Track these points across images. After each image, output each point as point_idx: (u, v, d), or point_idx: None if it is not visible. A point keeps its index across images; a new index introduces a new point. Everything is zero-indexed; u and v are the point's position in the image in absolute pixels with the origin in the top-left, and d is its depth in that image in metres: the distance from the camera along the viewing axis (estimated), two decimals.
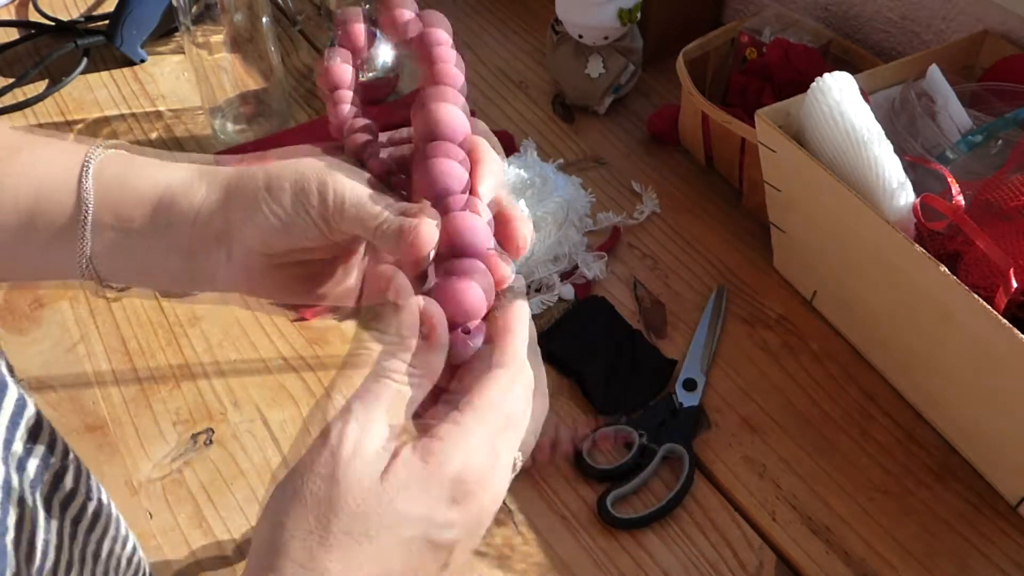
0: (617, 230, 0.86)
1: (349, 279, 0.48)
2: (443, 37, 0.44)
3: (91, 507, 0.48)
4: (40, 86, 1.03)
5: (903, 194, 0.64)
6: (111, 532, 0.50)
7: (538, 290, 0.80)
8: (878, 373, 0.74)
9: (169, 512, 0.66)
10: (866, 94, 0.70)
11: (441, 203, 0.41)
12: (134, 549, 0.54)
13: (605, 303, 0.79)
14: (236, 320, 0.78)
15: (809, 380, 0.74)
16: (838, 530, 0.65)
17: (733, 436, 0.70)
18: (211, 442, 0.70)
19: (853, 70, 0.70)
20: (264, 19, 0.90)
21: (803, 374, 0.75)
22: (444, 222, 0.40)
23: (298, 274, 0.45)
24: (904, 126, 0.72)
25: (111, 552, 0.50)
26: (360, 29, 0.45)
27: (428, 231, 0.39)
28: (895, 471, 0.68)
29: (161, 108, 1.00)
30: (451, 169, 0.41)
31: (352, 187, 0.41)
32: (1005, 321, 0.57)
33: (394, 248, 0.40)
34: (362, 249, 0.48)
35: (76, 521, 0.47)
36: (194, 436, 0.70)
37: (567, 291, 0.80)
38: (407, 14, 0.44)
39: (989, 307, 0.58)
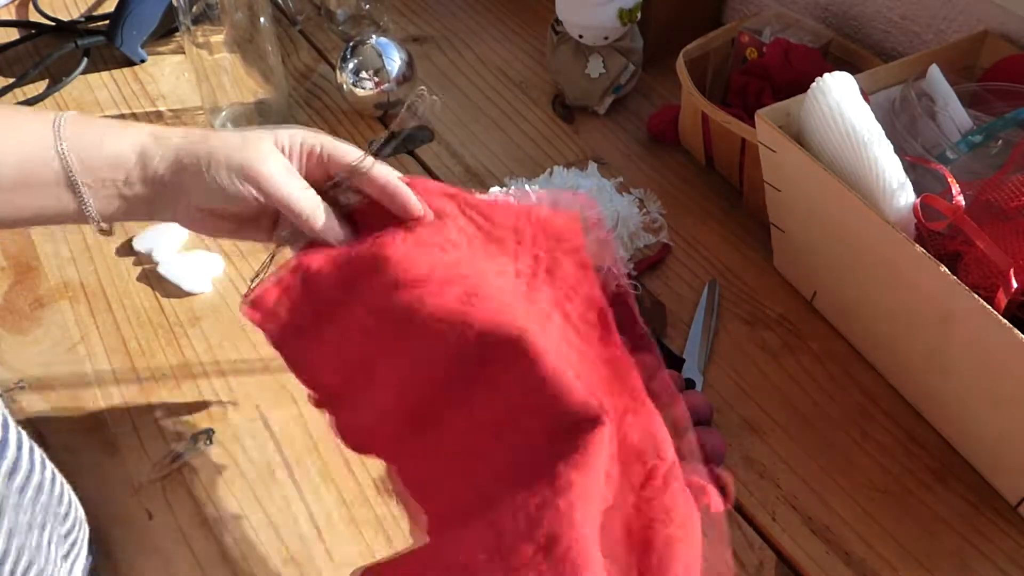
0: (666, 247, 0.85)
1: (267, 224, 0.57)
2: None
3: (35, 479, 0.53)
4: (40, 86, 1.03)
5: (903, 194, 0.64)
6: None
7: None
8: (878, 373, 0.74)
9: (169, 512, 0.66)
10: (866, 94, 0.70)
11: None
12: (75, 524, 0.58)
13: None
14: (236, 320, 0.78)
15: (809, 380, 0.74)
16: (838, 530, 0.65)
17: (733, 436, 0.70)
18: (211, 442, 0.70)
19: (853, 70, 0.70)
20: (264, 19, 0.90)
21: (803, 374, 0.75)
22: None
23: (229, 221, 0.55)
24: (904, 126, 0.72)
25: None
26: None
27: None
28: (895, 471, 0.68)
29: (161, 108, 1.00)
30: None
31: (282, 181, 0.51)
32: (1005, 321, 0.57)
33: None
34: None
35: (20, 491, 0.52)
36: (194, 436, 0.70)
37: None
38: None
39: (989, 307, 0.58)
